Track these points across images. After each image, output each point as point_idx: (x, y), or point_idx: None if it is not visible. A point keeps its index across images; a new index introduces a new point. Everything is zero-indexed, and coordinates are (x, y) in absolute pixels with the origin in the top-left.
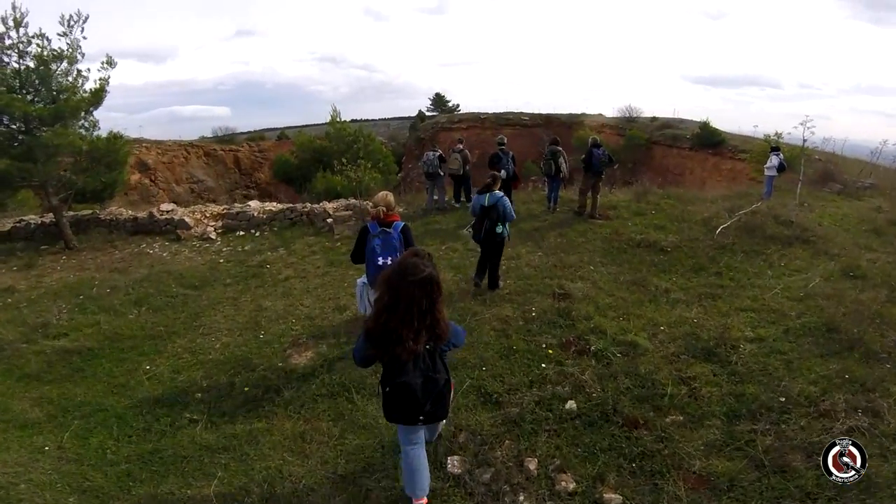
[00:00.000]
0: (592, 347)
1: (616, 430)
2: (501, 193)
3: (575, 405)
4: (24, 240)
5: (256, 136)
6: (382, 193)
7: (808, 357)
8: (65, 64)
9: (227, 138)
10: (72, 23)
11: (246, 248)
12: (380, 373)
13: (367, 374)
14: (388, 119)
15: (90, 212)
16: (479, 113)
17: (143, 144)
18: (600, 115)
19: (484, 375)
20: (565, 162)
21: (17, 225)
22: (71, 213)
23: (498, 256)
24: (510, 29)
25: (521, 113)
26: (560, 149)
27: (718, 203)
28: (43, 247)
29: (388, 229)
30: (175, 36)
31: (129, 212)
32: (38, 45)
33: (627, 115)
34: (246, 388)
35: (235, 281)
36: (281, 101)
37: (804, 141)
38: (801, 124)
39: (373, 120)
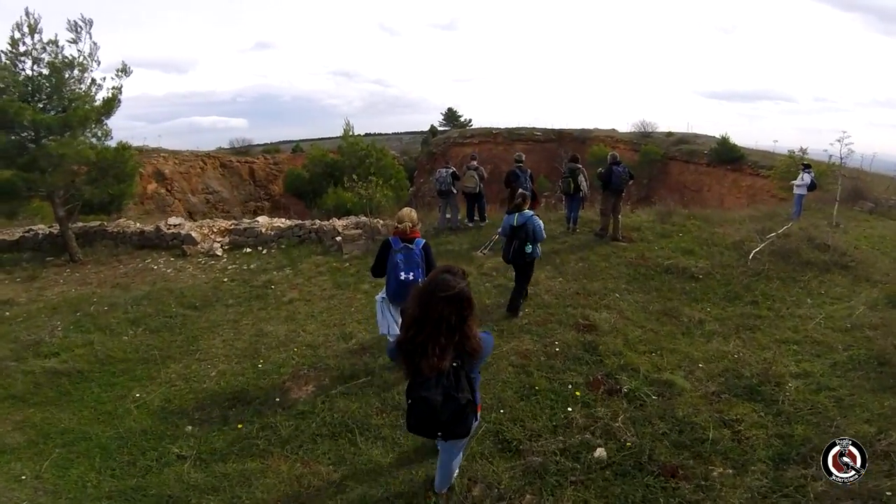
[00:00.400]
0: (624, 388)
1: (651, 479)
2: (532, 213)
3: (605, 453)
4: (31, 250)
5: (272, 149)
6: (407, 210)
7: (860, 393)
8: (76, 71)
9: (244, 150)
10: (79, 28)
11: (251, 266)
12: (386, 411)
13: (372, 414)
14: (401, 133)
15: (98, 223)
16: (491, 128)
17: (161, 154)
18: (613, 129)
19: (502, 419)
20: (585, 180)
21: (26, 235)
22: (79, 224)
23: (526, 279)
24: (521, 44)
25: (534, 128)
26: (580, 166)
27: (747, 224)
28: (48, 258)
29: (410, 245)
30: (197, 47)
31: (137, 224)
32: (51, 52)
33: (642, 129)
34: (240, 426)
35: (238, 302)
36: (297, 114)
37: (841, 158)
38: (838, 141)
39: (385, 134)
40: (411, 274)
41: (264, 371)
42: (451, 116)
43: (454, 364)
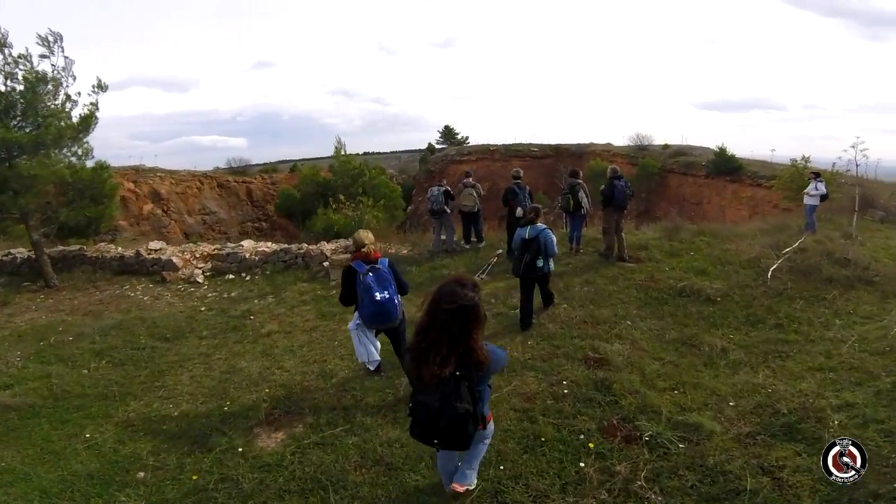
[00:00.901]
0: (644, 434)
1: None
2: (544, 226)
3: None
4: (9, 274)
5: (270, 168)
6: (364, 232)
7: None
8: (50, 86)
9: (241, 169)
10: (50, 43)
11: (232, 294)
12: (366, 467)
13: (350, 469)
14: (400, 152)
15: (77, 248)
16: (488, 145)
17: (158, 174)
18: (608, 144)
19: (502, 476)
20: (586, 196)
21: (4, 259)
22: (59, 247)
23: (544, 289)
24: (517, 61)
25: (531, 144)
26: (580, 182)
27: (758, 238)
28: (25, 283)
29: (376, 265)
30: (198, 66)
31: (118, 249)
32: (24, 67)
33: (638, 143)
34: (194, 477)
35: (212, 334)
36: (296, 133)
37: (857, 164)
38: (852, 147)
39: (384, 153)
40: (386, 293)
41: (231, 414)
42: (448, 134)
43: (457, 373)
